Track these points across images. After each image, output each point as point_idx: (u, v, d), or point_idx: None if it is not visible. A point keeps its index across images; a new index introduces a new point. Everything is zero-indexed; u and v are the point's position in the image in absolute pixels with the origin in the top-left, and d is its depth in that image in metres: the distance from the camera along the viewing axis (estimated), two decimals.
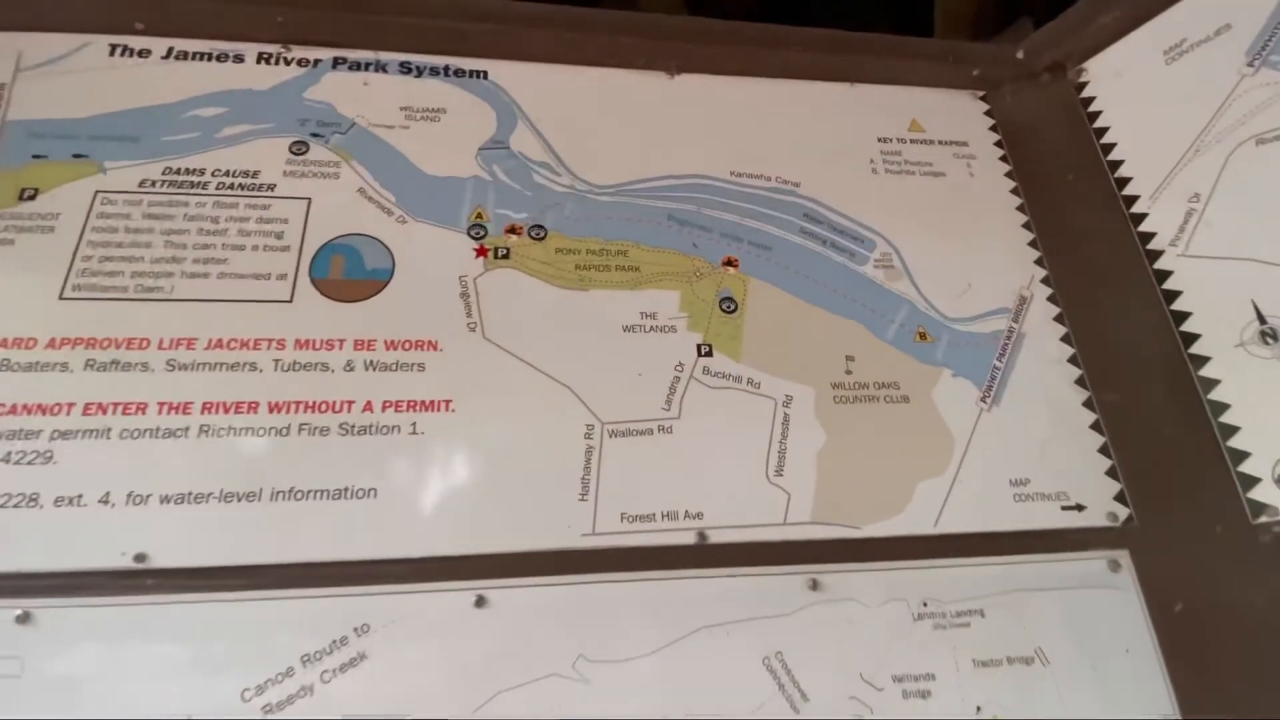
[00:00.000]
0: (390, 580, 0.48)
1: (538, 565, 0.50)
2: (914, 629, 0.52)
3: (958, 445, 0.59)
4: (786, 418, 0.58)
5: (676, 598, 0.50)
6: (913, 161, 0.72)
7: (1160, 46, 0.69)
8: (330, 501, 0.49)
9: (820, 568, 0.53)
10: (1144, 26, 0.70)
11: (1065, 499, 0.59)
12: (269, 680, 0.44)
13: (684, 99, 0.72)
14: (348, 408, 0.52)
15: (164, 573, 0.46)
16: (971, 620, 0.53)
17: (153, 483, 0.48)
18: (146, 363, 0.52)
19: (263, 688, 0.44)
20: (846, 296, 0.65)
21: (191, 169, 0.60)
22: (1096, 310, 0.66)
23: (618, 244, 0.63)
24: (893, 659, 0.51)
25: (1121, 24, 0.71)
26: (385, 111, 0.65)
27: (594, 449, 0.54)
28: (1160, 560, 0.58)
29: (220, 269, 0.56)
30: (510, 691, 0.46)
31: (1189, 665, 0.54)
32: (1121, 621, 0.56)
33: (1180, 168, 0.65)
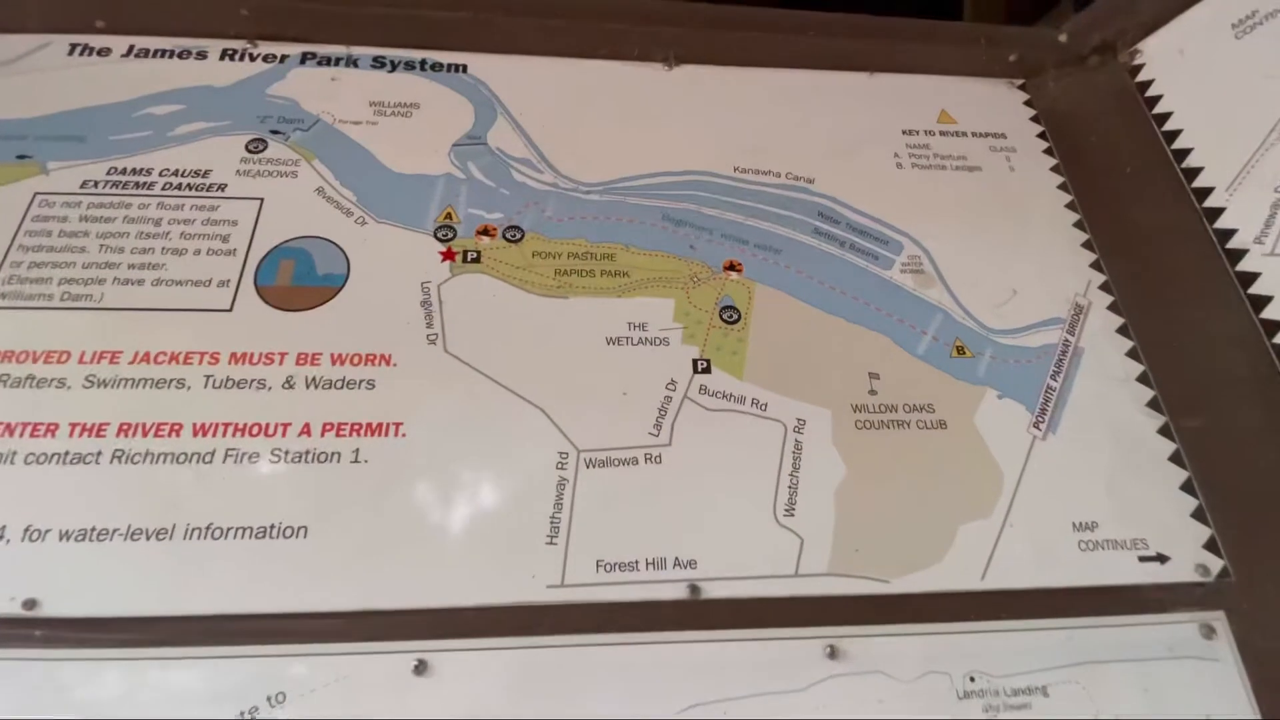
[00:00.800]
0: (315, 639, 0.40)
1: (493, 624, 0.41)
2: (959, 710, 0.42)
3: (1007, 481, 0.49)
4: (798, 445, 0.49)
5: (662, 666, 0.41)
6: (943, 155, 0.64)
7: (1228, 20, 0.60)
8: (253, 541, 0.42)
9: (840, 631, 0.43)
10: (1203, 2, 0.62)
11: (1143, 547, 0.48)
12: None
13: (683, 91, 0.65)
14: (282, 431, 0.45)
15: (55, 623, 0.39)
16: (1032, 700, 0.43)
17: (54, 516, 0.42)
18: (64, 378, 0.46)
19: None
20: (869, 305, 0.56)
21: (138, 169, 0.55)
22: (1169, 320, 0.56)
23: (604, 246, 0.56)
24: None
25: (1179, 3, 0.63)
26: (353, 107, 0.60)
27: (567, 482, 0.46)
28: (1265, 623, 0.47)
29: (156, 275, 0.50)
30: None
31: None
32: (1218, 701, 0.44)
33: (1261, 154, 0.56)
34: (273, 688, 0.38)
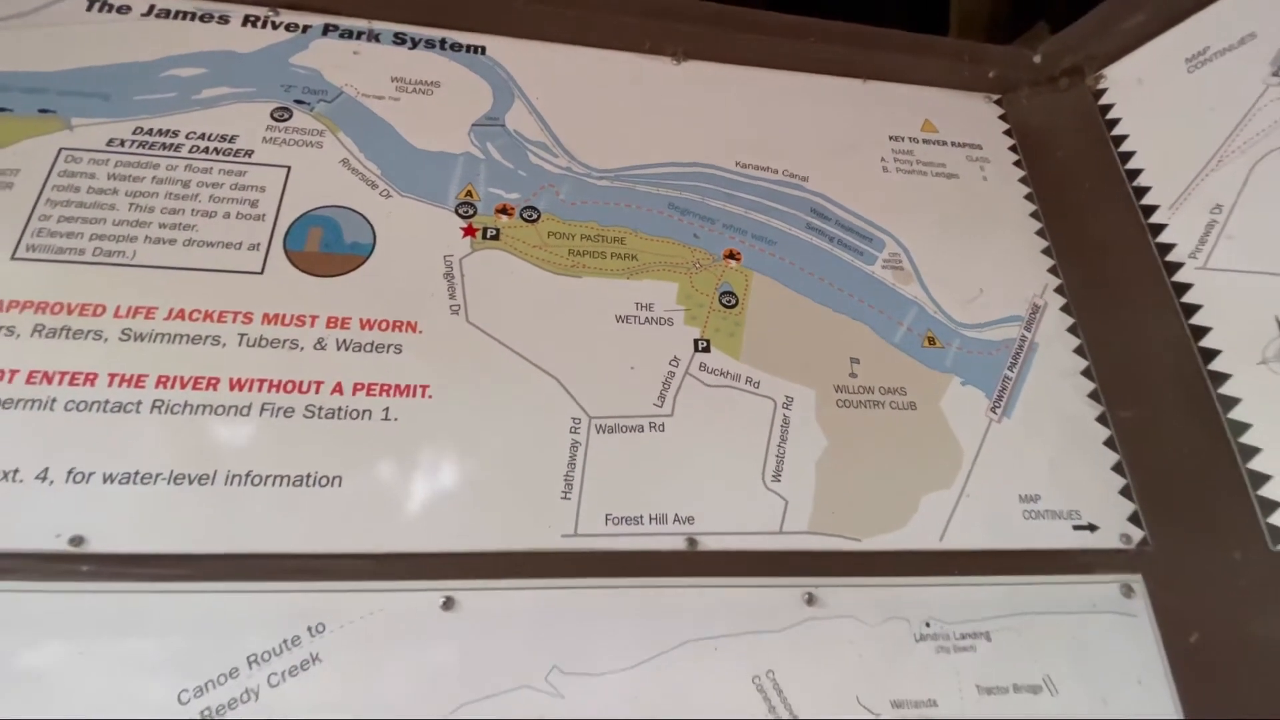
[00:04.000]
0: (351, 577, 0.44)
1: (513, 566, 0.46)
2: (915, 650, 0.49)
3: (966, 457, 0.56)
4: (786, 420, 0.55)
5: (662, 608, 0.47)
6: (925, 161, 0.70)
7: (1183, 54, 0.66)
8: (290, 489, 0.45)
9: (817, 581, 0.49)
10: (1166, 34, 0.68)
11: (1077, 518, 0.55)
12: (210, 681, 0.40)
13: (690, 85, 0.69)
14: (316, 388, 0.49)
15: (101, 558, 0.42)
16: (976, 643, 0.50)
17: (97, 460, 0.44)
18: (100, 331, 0.48)
19: (203, 689, 0.40)
20: (853, 296, 0.62)
21: (164, 130, 0.56)
22: (1112, 322, 0.64)
23: (614, 230, 0.60)
24: (892, 682, 0.47)
25: (1143, 30, 0.69)
26: (376, 82, 0.62)
27: (580, 445, 0.51)
28: (1175, 586, 0.55)
29: (188, 235, 0.52)
30: (476, 704, 0.42)
31: (1204, 700, 0.51)
32: (1134, 651, 0.52)
33: (1202, 178, 0.63)
34: (313, 619, 0.42)
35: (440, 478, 0.47)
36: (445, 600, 0.44)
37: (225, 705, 0.40)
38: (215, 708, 0.40)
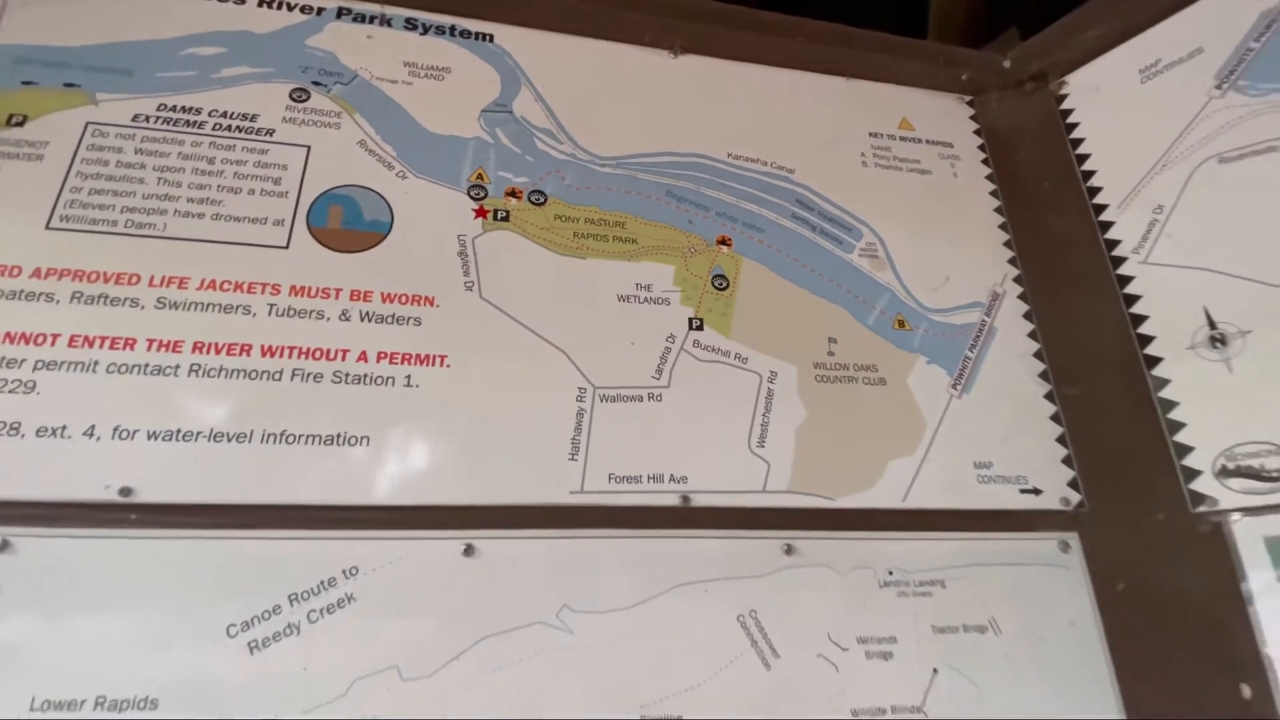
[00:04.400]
0: (381, 526, 0.48)
1: (526, 519, 0.51)
2: (879, 595, 0.55)
3: (928, 427, 0.63)
4: (770, 393, 0.61)
5: (658, 556, 0.52)
6: (901, 158, 0.75)
7: (1137, 65, 0.73)
8: (322, 447, 0.50)
9: (795, 534, 0.56)
10: (1123, 45, 0.74)
11: (1024, 483, 0.62)
12: (255, 617, 0.45)
13: (686, 78, 0.73)
14: (342, 356, 0.53)
15: (149, 508, 0.46)
16: (932, 590, 0.57)
17: (140, 418, 0.48)
18: (136, 299, 0.51)
19: (249, 624, 0.45)
20: (832, 282, 0.67)
21: (187, 108, 0.59)
22: (1062, 309, 0.70)
23: (616, 215, 0.64)
24: (858, 622, 0.54)
25: (1103, 41, 0.75)
26: (389, 66, 0.65)
27: (585, 411, 0.56)
28: (1106, 543, 0.62)
29: (215, 210, 0.55)
30: (495, 637, 0.47)
31: (1127, 640, 0.59)
32: (1068, 597, 0.60)
33: (1147, 181, 0.70)
34: (347, 563, 0.47)
35: (459, 439, 0.52)
36: (466, 548, 0.49)
37: (270, 638, 0.44)
38: (260, 640, 0.44)
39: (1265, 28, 0.65)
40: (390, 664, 0.45)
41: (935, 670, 0.54)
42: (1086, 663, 0.57)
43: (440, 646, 0.46)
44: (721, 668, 0.50)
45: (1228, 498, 0.58)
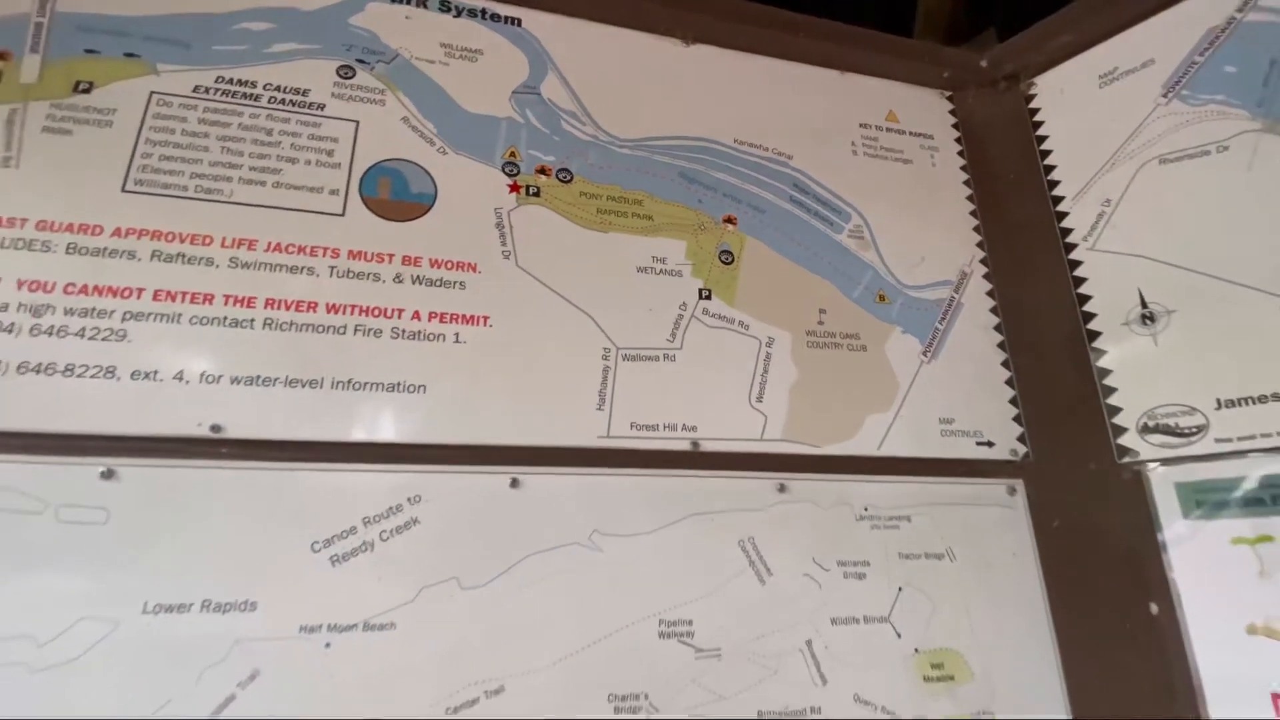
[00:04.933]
0: (440, 461, 0.56)
1: (563, 458, 0.59)
2: (856, 527, 0.65)
3: (901, 388, 0.72)
4: (768, 355, 0.69)
5: (673, 491, 0.61)
6: (887, 148, 0.83)
7: (1097, 71, 0.82)
8: (385, 393, 0.57)
9: (787, 475, 0.65)
10: (1087, 52, 0.83)
11: (980, 436, 0.73)
12: (335, 536, 0.52)
13: (697, 66, 0.79)
14: (399, 314, 0.59)
15: (238, 443, 0.53)
16: (900, 524, 0.67)
17: (223, 365, 0.54)
18: (211, 258, 0.57)
19: (329, 542, 0.52)
20: (823, 259, 0.76)
21: (243, 80, 0.63)
22: (1020, 288, 0.80)
23: (635, 194, 0.71)
24: (838, 548, 0.64)
25: (1069, 48, 0.84)
26: (427, 46, 0.70)
27: (610, 369, 0.64)
28: (1045, 488, 0.73)
29: (275, 178, 0.61)
30: (538, 554, 0.56)
31: (1059, 568, 0.70)
32: (1011, 532, 0.71)
33: (1098, 177, 0.79)
34: (411, 492, 0.55)
35: (503, 389, 0.60)
36: (512, 481, 0.57)
37: (348, 553, 0.52)
38: (340, 555, 0.52)
39: (1209, 44, 0.74)
40: (451, 575, 0.53)
41: (900, 589, 0.64)
42: (1024, 586, 0.69)
43: (492, 562, 0.55)
44: (725, 582, 0.59)
45: (1147, 450, 0.70)
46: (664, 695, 0.55)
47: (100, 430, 0.51)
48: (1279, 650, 0.60)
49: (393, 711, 0.50)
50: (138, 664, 0.47)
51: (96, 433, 0.51)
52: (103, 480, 0.50)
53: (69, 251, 0.54)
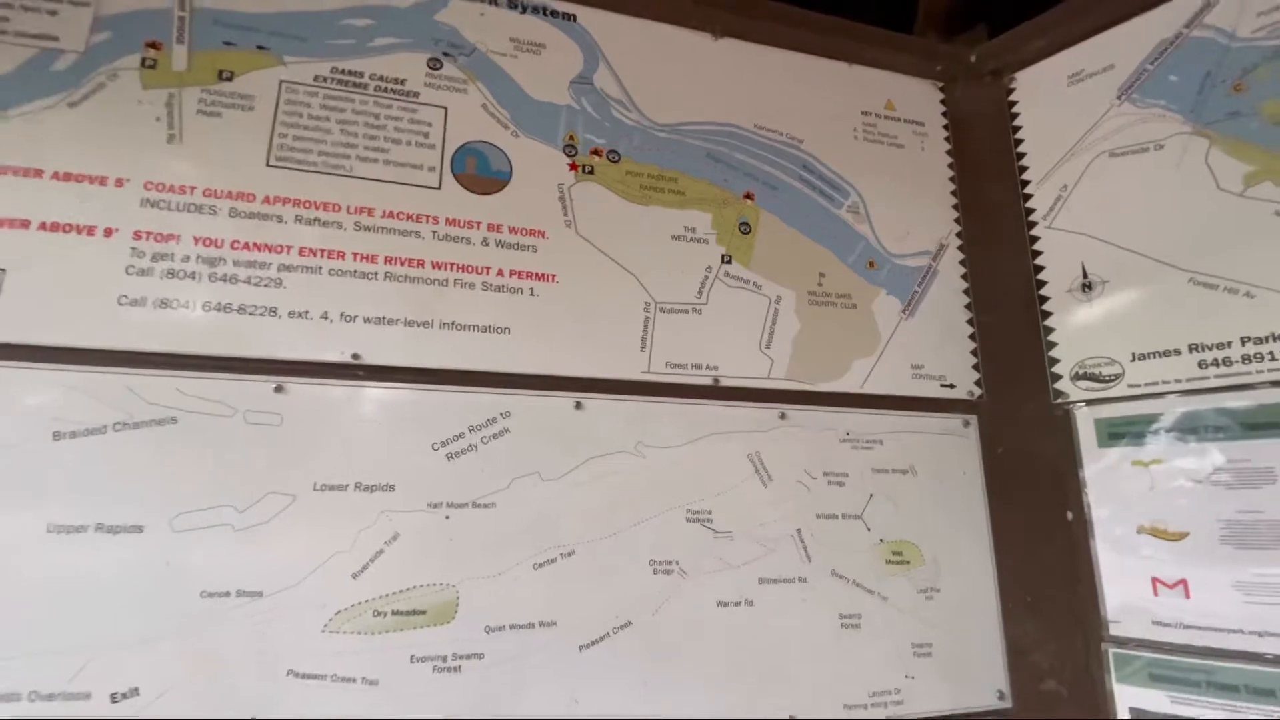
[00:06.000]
0: (522, 387, 0.73)
1: (614, 387, 0.76)
2: (839, 447, 0.83)
3: (882, 340, 0.89)
4: (776, 311, 0.85)
5: (698, 415, 0.78)
6: (884, 134, 0.97)
7: (1067, 72, 0.95)
8: (478, 333, 0.73)
9: (787, 407, 0.82)
10: (1061, 54, 0.96)
11: (944, 380, 0.90)
12: (449, 439, 0.69)
13: (724, 58, 0.92)
14: (486, 271, 0.75)
15: (373, 368, 0.69)
16: (874, 446, 0.85)
17: (357, 308, 0.70)
18: (340, 222, 0.72)
19: (444, 443, 0.69)
20: (824, 231, 0.91)
21: (353, 71, 0.76)
22: (987, 259, 0.96)
23: (670, 172, 0.86)
24: (825, 462, 0.82)
25: (1046, 49, 0.96)
26: (499, 40, 0.83)
27: (650, 319, 0.80)
28: (993, 422, 0.91)
29: (385, 157, 0.75)
30: (598, 458, 0.73)
31: (999, 484, 0.89)
32: (964, 456, 0.89)
33: (1059, 165, 0.94)
34: (502, 409, 0.72)
35: (568, 332, 0.76)
36: (577, 404, 0.74)
37: (459, 452, 0.69)
38: (453, 452, 0.69)
39: (1159, 54, 0.87)
40: (534, 470, 0.71)
41: (871, 495, 0.83)
42: (970, 497, 0.87)
43: (565, 461, 0.72)
44: (737, 484, 0.77)
45: (1076, 393, 0.87)
46: (690, 562, 0.74)
47: (271, 356, 0.67)
48: (1161, 545, 0.79)
49: (495, 565, 0.68)
50: (312, 527, 0.64)
51: (268, 357, 0.67)
52: (275, 393, 0.66)
53: (231, 215, 0.69)
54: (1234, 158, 0.79)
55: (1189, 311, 0.80)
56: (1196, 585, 0.76)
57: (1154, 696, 0.77)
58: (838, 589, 0.79)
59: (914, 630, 0.81)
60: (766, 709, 0.73)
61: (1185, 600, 0.77)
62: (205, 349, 0.65)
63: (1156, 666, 0.77)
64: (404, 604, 0.65)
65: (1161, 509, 0.80)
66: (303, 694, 0.61)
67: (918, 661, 0.80)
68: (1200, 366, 0.78)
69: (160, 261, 0.66)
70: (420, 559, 0.66)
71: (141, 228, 0.66)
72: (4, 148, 0.65)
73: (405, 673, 0.63)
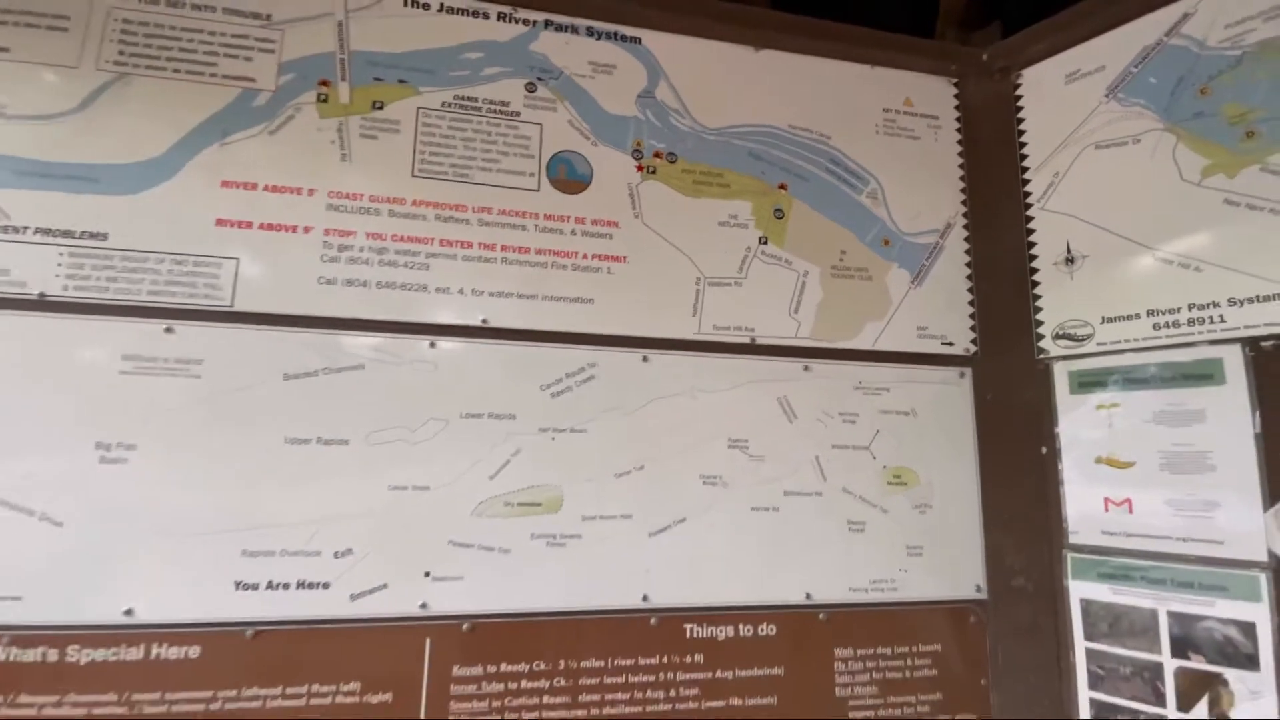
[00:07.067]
0: (603, 344, 0.96)
1: (672, 345, 0.98)
2: (852, 394, 1.04)
3: (893, 305, 1.08)
4: (804, 284, 1.05)
5: (739, 367, 1.00)
6: (902, 128, 1.14)
7: (1065, 71, 1.09)
8: (570, 304, 0.96)
9: (810, 361, 1.03)
10: (1060, 55, 1.10)
11: (945, 339, 1.09)
12: (553, 382, 0.93)
13: (764, 67, 1.10)
14: (575, 255, 0.97)
15: (496, 330, 0.93)
16: (882, 393, 1.05)
17: (483, 285, 0.94)
18: (467, 219, 0.95)
19: (548, 385, 0.93)
20: (846, 214, 1.09)
21: (470, 97, 0.98)
22: (988, 236, 1.13)
23: (717, 170, 1.05)
24: (840, 405, 1.03)
25: (1049, 50, 1.10)
26: (580, 64, 1.02)
27: (700, 291, 1.01)
28: (985, 374, 1.10)
29: (497, 166, 0.97)
30: (661, 399, 0.96)
31: (987, 426, 1.09)
32: (958, 401, 1.09)
33: (1053, 154, 1.09)
34: (589, 361, 0.95)
35: (638, 300, 0.98)
36: (644, 357, 0.97)
37: (559, 391, 0.93)
38: (556, 391, 0.93)
39: (1142, 58, 1.01)
40: (616, 406, 0.95)
41: (878, 430, 1.04)
42: (962, 434, 1.08)
43: (636, 400, 0.95)
44: (768, 420, 1.00)
45: (1055, 350, 1.05)
46: (730, 477, 0.97)
47: (425, 320, 0.91)
48: (1113, 472, 0.98)
49: (588, 474, 0.92)
50: (460, 442, 0.90)
51: (423, 321, 0.91)
52: (430, 348, 0.91)
53: (390, 215, 0.93)
54: (1196, 153, 0.94)
55: (1150, 282, 0.97)
56: (1138, 503, 0.96)
57: (1100, 589, 0.98)
58: (847, 502, 1.02)
59: (909, 536, 1.03)
60: (788, 587, 0.97)
61: (1129, 515, 0.96)
62: (379, 315, 0.90)
63: (1103, 566, 0.98)
64: (525, 498, 0.90)
65: (1115, 444, 0.98)
66: (459, 556, 0.87)
67: (910, 559, 1.03)
68: (1155, 328, 0.95)
69: (344, 252, 0.91)
70: (536, 467, 0.91)
71: (329, 226, 0.91)
72: (228, 167, 0.90)
73: (528, 545, 0.89)
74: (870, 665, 0.98)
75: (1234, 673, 0.85)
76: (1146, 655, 0.92)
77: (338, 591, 0.84)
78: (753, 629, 0.95)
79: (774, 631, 0.95)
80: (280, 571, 0.83)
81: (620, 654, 0.90)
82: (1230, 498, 0.87)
